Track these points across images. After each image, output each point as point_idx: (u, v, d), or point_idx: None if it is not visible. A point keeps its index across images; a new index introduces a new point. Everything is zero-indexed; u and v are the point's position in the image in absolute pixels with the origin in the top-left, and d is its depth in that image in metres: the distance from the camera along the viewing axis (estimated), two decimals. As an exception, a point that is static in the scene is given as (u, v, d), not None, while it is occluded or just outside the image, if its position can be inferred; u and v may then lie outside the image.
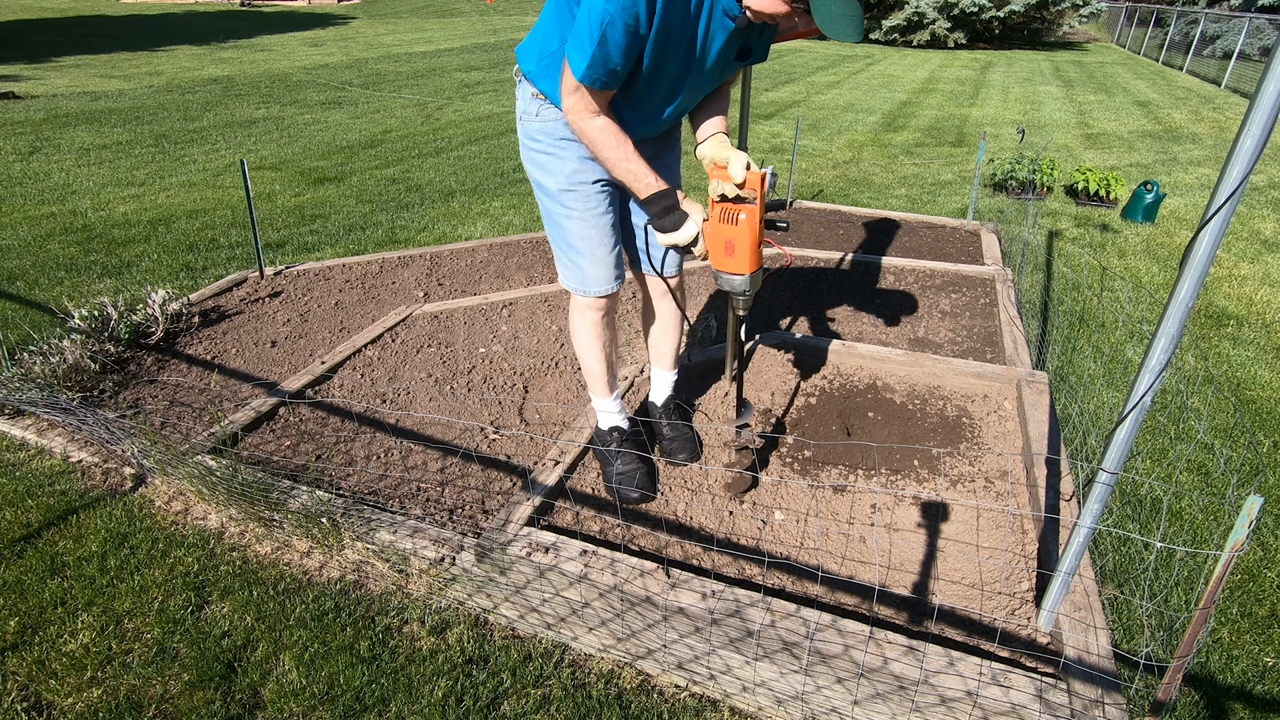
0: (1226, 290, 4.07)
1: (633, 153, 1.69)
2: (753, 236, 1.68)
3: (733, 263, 1.72)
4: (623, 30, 1.49)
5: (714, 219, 1.69)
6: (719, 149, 1.78)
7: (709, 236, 1.72)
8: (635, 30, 1.51)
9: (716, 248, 1.72)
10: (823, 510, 2.13)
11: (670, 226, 1.73)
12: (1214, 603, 1.23)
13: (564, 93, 1.65)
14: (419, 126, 8.03)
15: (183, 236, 4.53)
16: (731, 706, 1.68)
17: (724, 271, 1.75)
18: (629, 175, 1.70)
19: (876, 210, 5.21)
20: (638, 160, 1.69)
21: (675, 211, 1.73)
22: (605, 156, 1.70)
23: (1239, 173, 1.16)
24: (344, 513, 2.01)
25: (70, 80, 10.37)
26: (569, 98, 1.64)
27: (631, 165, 1.69)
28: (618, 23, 1.48)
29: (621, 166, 1.69)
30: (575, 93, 1.63)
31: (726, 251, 1.71)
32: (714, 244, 1.72)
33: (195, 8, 25.77)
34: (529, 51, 1.82)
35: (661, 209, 1.72)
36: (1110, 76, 13.96)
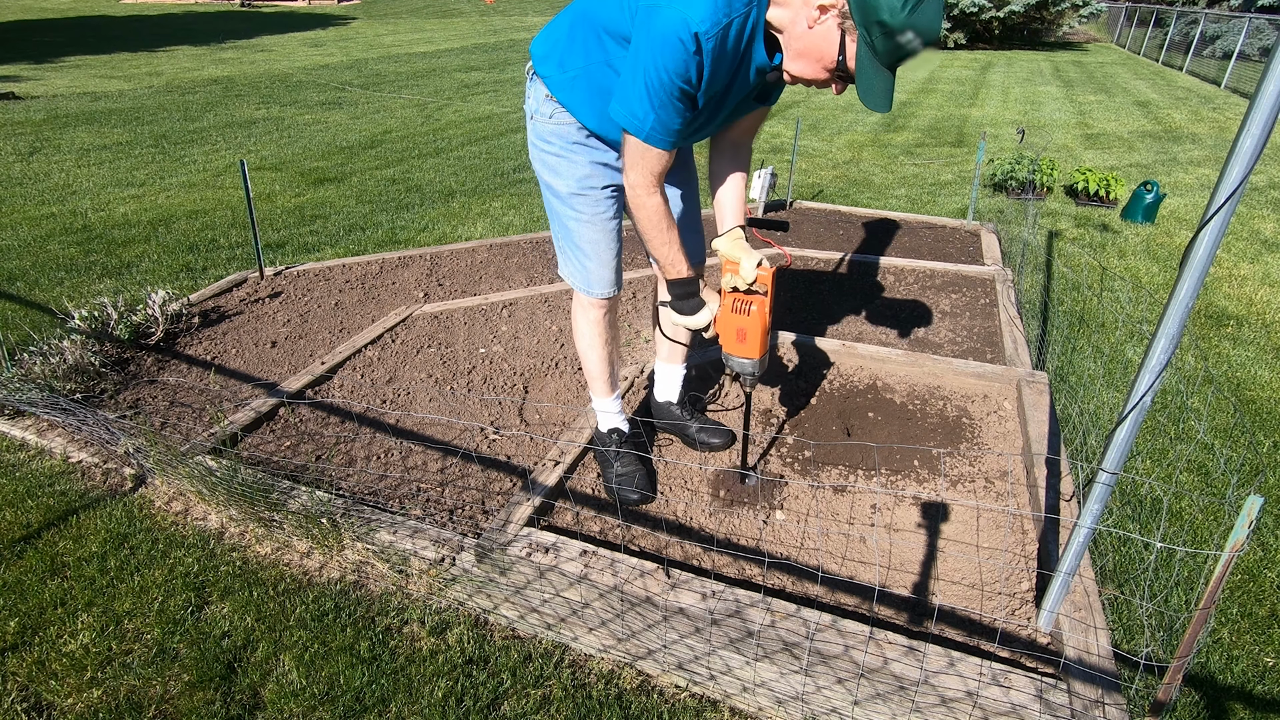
0: (1226, 290, 4.07)
1: (675, 239, 1.78)
2: (763, 325, 1.82)
3: (744, 348, 1.86)
4: (680, 93, 1.54)
5: (726, 308, 1.83)
6: (733, 247, 1.87)
7: (721, 323, 1.86)
8: (688, 91, 1.55)
9: (729, 334, 1.85)
10: (823, 510, 2.13)
11: (689, 310, 1.87)
12: (1214, 603, 1.23)
13: (627, 167, 1.69)
14: (419, 127, 8.03)
15: (183, 237, 4.53)
16: (732, 707, 1.68)
17: (735, 355, 1.88)
18: (665, 258, 1.80)
19: (876, 210, 5.22)
20: (678, 247, 1.79)
21: (694, 298, 1.86)
22: (650, 236, 1.77)
23: (1239, 173, 1.16)
24: (344, 513, 2.01)
25: (70, 81, 10.38)
26: (632, 172, 1.68)
27: (670, 251, 1.78)
28: (676, 88, 1.52)
29: (663, 250, 1.78)
30: (639, 165, 1.66)
31: (738, 338, 1.85)
32: (726, 331, 1.85)
33: (195, 8, 25.78)
34: (548, 56, 1.81)
35: (684, 293, 1.85)
36: (1110, 77, 13.96)
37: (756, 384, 1.97)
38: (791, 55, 1.54)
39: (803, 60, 1.52)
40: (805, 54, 1.51)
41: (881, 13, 1.35)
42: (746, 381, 1.95)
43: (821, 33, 1.46)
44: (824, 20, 1.44)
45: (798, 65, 1.54)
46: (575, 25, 1.73)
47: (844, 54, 1.46)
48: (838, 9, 1.42)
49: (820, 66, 1.51)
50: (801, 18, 1.47)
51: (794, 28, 1.50)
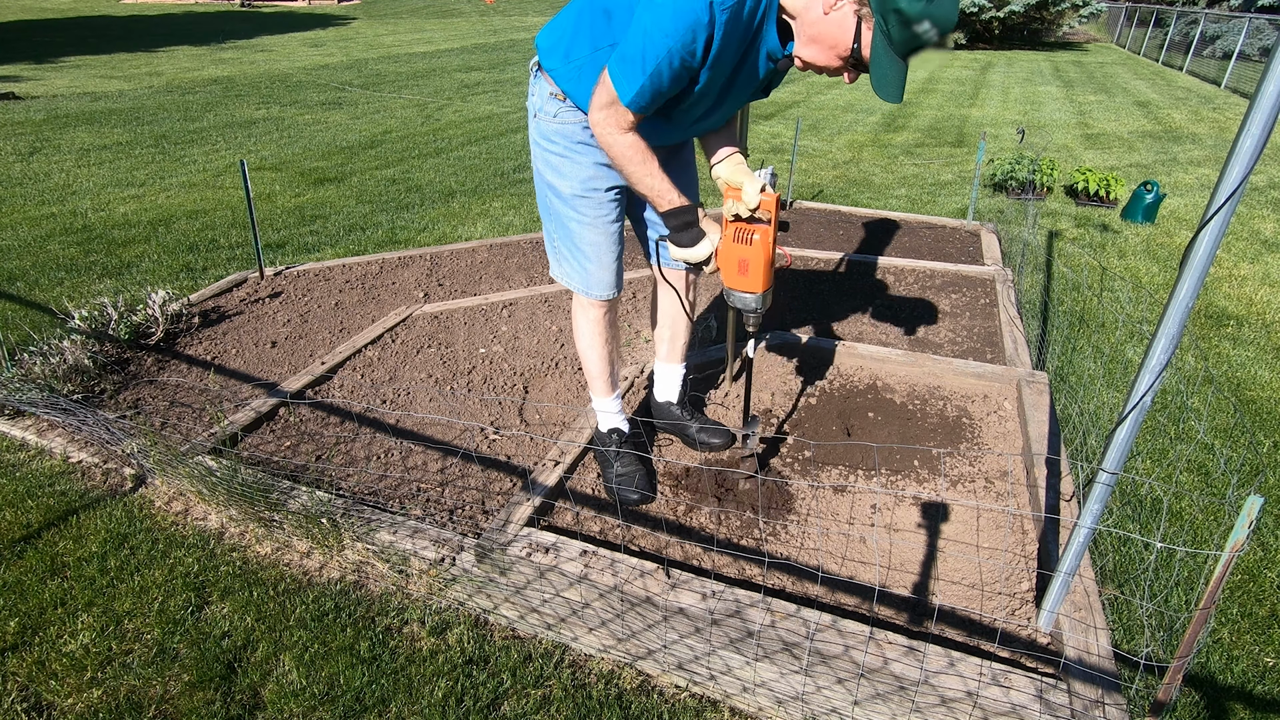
0: (1226, 290, 4.07)
1: (656, 169, 1.69)
2: (766, 256, 1.72)
3: (746, 281, 1.77)
4: (679, 64, 1.50)
5: (728, 238, 1.73)
6: (735, 171, 1.80)
7: (723, 255, 1.76)
8: (689, 64, 1.52)
9: (730, 266, 1.76)
10: (823, 510, 2.13)
11: (687, 242, 1.76)
12: (1214, 603, 1.23)
13: (596, 105, 1.63)
14: (419, 127, 8.03)
15: (183, 237, 4.53)
16: (732, 707, 1.68)
17: (737, 290, 1.79)
18: (650, 190, 1.71)
19: (876, 210, 5.22)
20: (661, 176, 1.70)
21: (693, 228, 1.76)
22: (629, 170, 1.69)
23: (1239, 173, 1.16)
24: (344, 513, 2.01)
25: (70, 81, 10.38)
26: (601, 111, 1.62)
27: (654, 181, 1.70)
28: (675, 57, 1.49)
29: (645, 181, 1.70)
30: (609, 108, 1.61)
31: (740, 270, 1.75)
32: (728, 262, 1.76)
33: (195, 8, 25.78)
34: (554, 49, 1.78)
35: (680, 224, 1.75)
36: (1110, 77, 13.96)
37: (760, 322, 1.86)
38: (804, 41, 1.52)
39: (816, 46, 1.50)
40: (819, 40, 1.49)
41: (899, 1, 1.34)
42: (749, 320, 1.85)
43: (837, 19, 1.44)
44: (840, 6, 1.43)
45: (810, 51, 1.52)
46: (582, 12, 1.71)
47: (858, 41, 1.44)
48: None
49: (834, 54, 1.49)
50: (817, 3, 1.46)
51: (808, 13, 1.48)
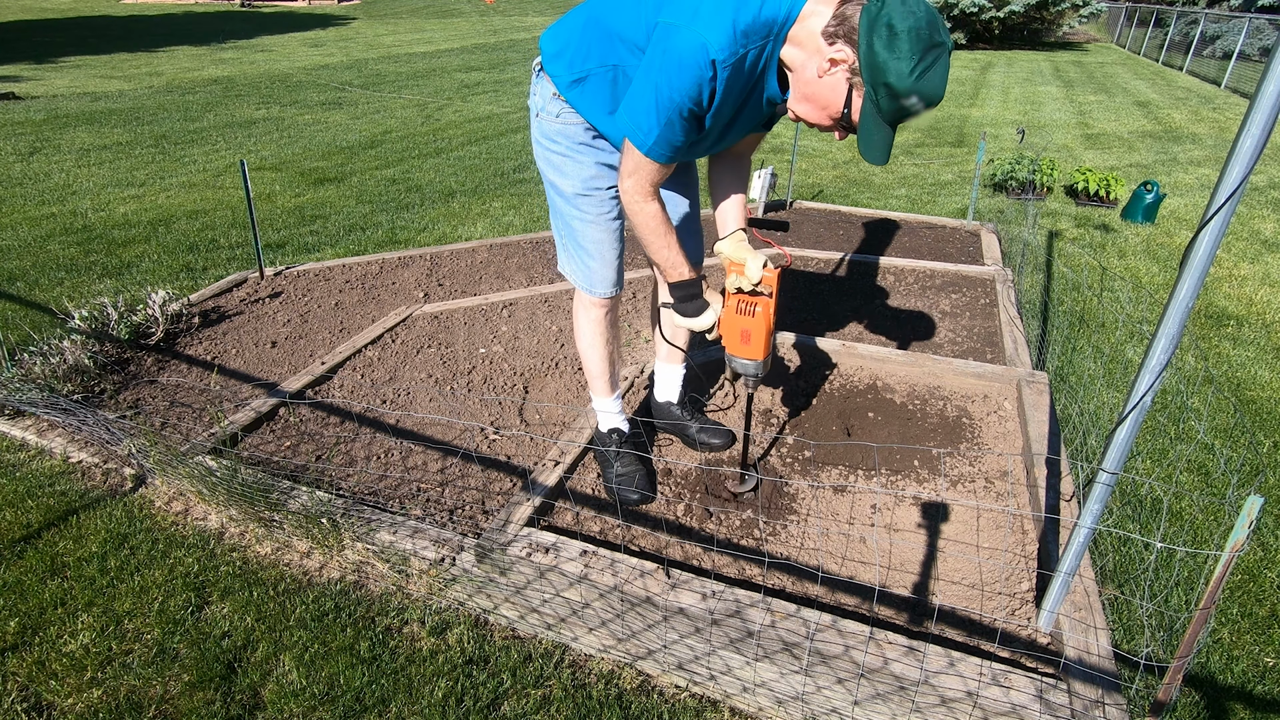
0: (1226, 290, 4.07)
1: (674, 242, 1.77)
2: (768, 327, 1.81)
3: (748, 350, 1.85)
4: (689, 114, 1.55)
5: (731, 309, 1.82)
6: (737, 249, 1.88)
7: (726, 325, 1.84)
8: (697, 112, 1.57)
9: (733, 336, 1.84)
10: (823, 510, 2.13)
11: (692, 312, 1.85)
12: (1214, 603, 1.23)
13: (624, 173, 1.69)
14: (419, 127, 8.03)
15: (183, 237, 4.53)
16: (732, 707, 1.68)
17: (739, 357, 1.87)
18: (665, 261, 1.79)
19: (876, 210, 5.21)
20: (677, 250, 1.78)
21: (698, 299, 1.84)
22: (650, 240, 1.76)
23: (1239, 173, 1.16)
24: (344, 513, 2.01)
25: (70, 81, 10.38)
26: (629, 179, 1.69)
27: (670, 254, 1.77)
28: (684, 109, 1.54)
29: (662, 253, 1.77)
30: (636, 174, 1.67)
31: (743, 340, 1.84)
32: (730, 332, 1.84)
33: (195, 8, 25.78)
34: (559, 55, 1.80)
35: (686, 295, 1.83)
36: (1110, 77, 13.96)
37: (759, 385, 1.97)
38: (798, 97, 1.58)
39: (809, 104, 1.56)
40: (812, 99, 1.54)
41: (889, 76, 1.39)
42: (749, 383, 1.94)
43: (830, 83, 1.49)
44: (834, 72, 1.48)
45: (803, 108, 1.58)
46: (589, 27, 1.73)
47: (849, 106, 1.50)
48: (848, 64, 1.46)
49: (825, 114, 1.55)
50: (813, 65, 1.50)
51: (804, 72, 1.53)
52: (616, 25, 1.66)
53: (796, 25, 1.50)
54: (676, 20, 1.48)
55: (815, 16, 1.48)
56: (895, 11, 1.37)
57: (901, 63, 1.37)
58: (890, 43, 1.37)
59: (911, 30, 1.36)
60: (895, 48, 1.37)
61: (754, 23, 1.47)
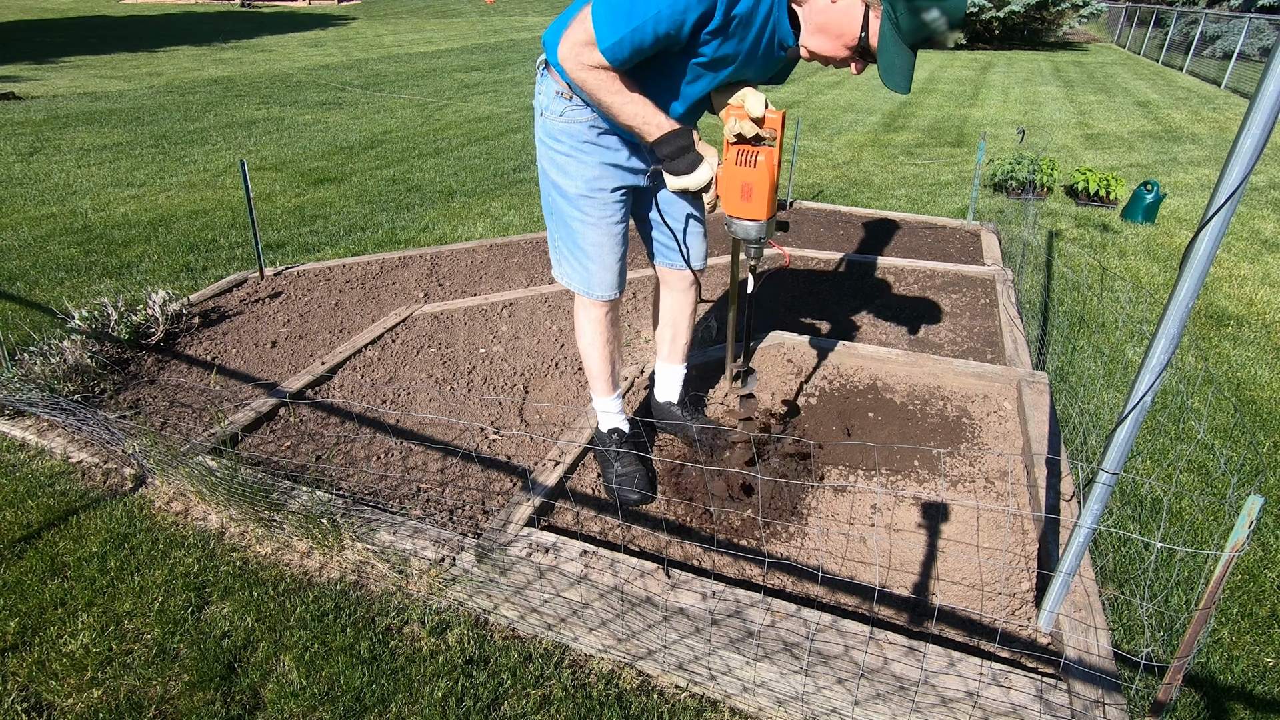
0: (1226, 290, 4.07)
1: (637, 94, 1.59)
2: (771, 179, 1.61)
3: (749, 208, 1.65)
4: (664, 30, 1.47)
5: (729, 161, 1.62)
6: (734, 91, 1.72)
7: (724, 180, 1.65)
8: (674, 33, 1.49)
9: (732, 192, 1.64)
10: (823, 510, 2.13)
11: (684, 168, 1.65)
12: (1214, 603, 1.23)
13: (569, 40, 1.54)
14: (419, 127, 8.03)
15: (183, 237, 4.53)
16: (732, 707, 1.68)
17: (738, 217, 1.68)
18: (636, 118, 1.60)
19: (876, 210, 5.21)
20: (643, 101, 1.59)
21: (690, 152, 1.65)
22: (607, 101, 1.59)
23: (1239, 173, 1.16)
24: (344, 513, 2.01)
25: (70, 81, 10.38)
26: (574, 47, 1.53)
27: (637, 108, 1.59)
28: (662, 22, 1.46)
29: (627, 110, 1.59)
30: (584, 47, 1.53)
31: (743, 195, 1.63)
32: (729, 188, 1.64)
33: (195, 8, 25.78)
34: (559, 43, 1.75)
35: (676, 149, 1.63)
36: (1110, 77, 13.96)
37: (761, 254, 1.76)
38: (811, 30, 1.50)
39: (823, 35, 1.49)
40: (825, 29, 1.48)
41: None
42: (750, 251, 1.75)
43: (844, 7, 1.43)
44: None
45: (817, 41, 1.50)
46: None
47: (866, 30, 1.43)
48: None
49: (841, 43, 1.48)
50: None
51: (816, 1, 1.47)
52: None
53: None
54: None
55: None
56: None
57: None
58: None
59: None
60: None
61: None
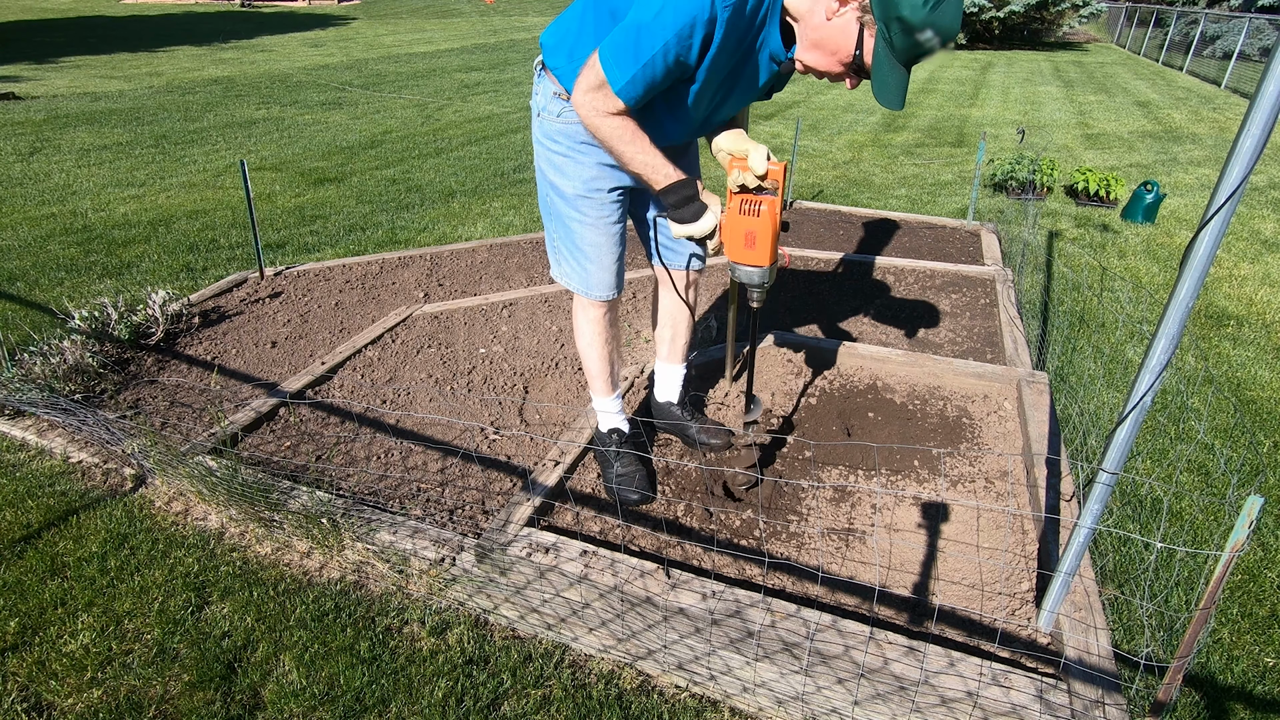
0: (1226, 290, 4.07)
1: (648, 144, 1.64)
2: (774, 227, 1.68)
3: (753, 255, 1.72)
4: (674, 59, 1.49)
5: (733, 210, 1.69)
6: (737, 142, 1.77)
7: (728, 228, 1.71)
8: (684, 59, 1.50)
9: (736, 239, 1.71)
10: (823, 510, 2.13)
11: (690, 217, 1.71)
12: (1214, 603, 1.23)
13: (582, 87, 1.58)
14: (419, 127, 8.03)
15: (183, 237, 4.53)
16: (732, 707, 1.68)
17: (743, 264, 1.75)
18: (645, 167, 1.66)
19: (876, 210, 5.21)
20: (653, 151, 1.65)
21: (695, 202, 1.71)
22: (620, 150, 1.64)
23: (1239, 173, 1.16)
24: (344, 513, 2.01)
25: (70, 81, 10.38)
26: (587, 94, 1.58)
27: (647, 157, 1.64)
28: (671, 51, 1.48)
29: (638, 160, 1.65)
30: (597, 91, 1.56)
31: (747, 243, 1.70)
32: (733, 236, 1.71)
33: (195, 8, 25.78)
34: (558, 47, 1.77)
35: (681, 199, 1.69)
36: (1110, 77, 13.96)
37: (764, 297, 1.82)
38: (806, 45, 1.52)
39: (817, 51, 1.50)
40: (820, 45, 1.49)
41: (902, 9, 1.34)
42: (754, 296, 1.81)
43: (839, 25, 1.44)
44: (843, 12, 1.43)
45: (811, 56, 1.52)
46: (586, 11, 1.70)
47: (860, 48, 1.44)
48: (858, 2, 1.41)
49: (835, 59, 1.49)
50: (820, 8, 1.46)
51: (811, 17, 1.48)
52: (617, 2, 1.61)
53: None
54: None
55: None
56: None
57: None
58: None
59: None
60: None
61: None
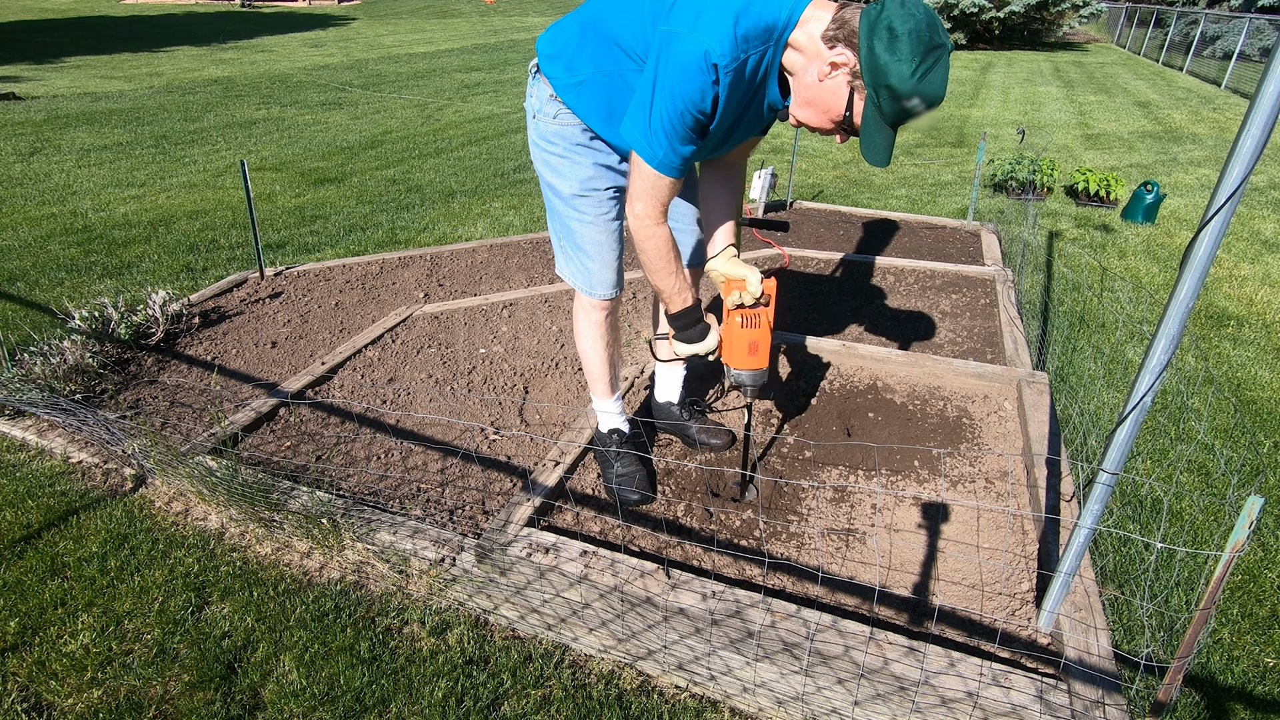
0: (1227, 290, 4.07)
1: (680, 269, 1.79)
2: (770, 334, 1.87)
3: (755, 360, 1.88)
4: (693, 121, 1.56)
5: (735, 324, 1.85)
6: (732, 266, 1.90)
7: (729, 341, 1.87)
8: (701, 120, 1.57)
9: (739, 350, 1.87)
10: (823, 510, 2.13)
11: (696, 338, 1.87)
12: (1214, 603, 1.23)
13: (634, 196, 1.68)
14: (419, 127, 8.03)
15: (183, 237, 4.53)
16: (732, 707, 1.68)
17: (747, 369, 1.89)
18: (669, 288, 1.79)
19: (876, 211, 5.21)
20: (681, 277, 1.79)
21: (700, 324, 1.86)
22: (656, 268, 1.76)
23: (1239, 173, 1.16)
24: (344, 513, 2.01)
25: (71, 81, 10.38)
26: (639, 202, 1.68)
27: (675, 280, 1.79)
28: (689, 116, 1.54)
29: (667, 281, 1.78)
30: (647, 195, 1.67)
31: (749, 351, 1.87)
32: (736, 347, 1.86)
33: (195, 8, 25.78)
34: (556, 57, 1.80)
35: (688, 322, 1.85)
36: (1110, 77, 13.96)
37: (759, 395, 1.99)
38: (800, 102, 1.58)
39: (810, 109, 1.56)
40: (813, 104, 1.55)
41: (891, 78, 1.40)
42: (748, 393, 1.95)
43: (831, 87, 1.50)
44: (835, 76, 1.49)
45: (804, 113, 1.58)
46: (586, 30, 1.73)
47: (850, 110, 1.50)
48: (849, 68, 1.46)
49: (826, 118, 1.55)
50: (814, 69, 1.51)
51: (804, 76, 1.53)
52: (614, 30, 1.66)
53: (797, 30, 1.51)
54: (678, 28, 1.48)
55: (815, 21, 1.49)
56: (895, 14, 1.38)
57: (903, 65, 1.38)
58: (891, 45, 1.38)
59: (912, 33, 1.37)
60: (896, 50, 1.38)
61: (754, 28, 1.48)
